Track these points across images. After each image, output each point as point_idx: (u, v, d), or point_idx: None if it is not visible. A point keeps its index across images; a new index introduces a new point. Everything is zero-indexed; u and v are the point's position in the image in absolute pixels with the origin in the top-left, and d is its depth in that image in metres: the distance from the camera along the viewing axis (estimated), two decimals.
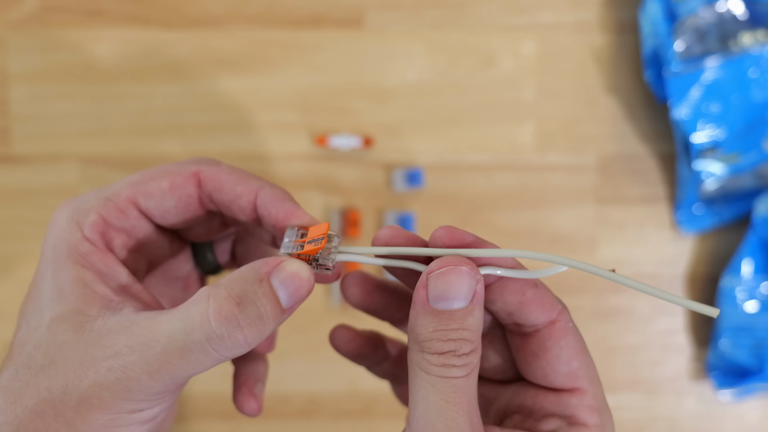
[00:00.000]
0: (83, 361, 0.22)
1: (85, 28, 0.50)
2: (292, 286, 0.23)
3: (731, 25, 0.48)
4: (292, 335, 0.51)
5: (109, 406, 0.22)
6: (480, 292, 0.23)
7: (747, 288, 0.49)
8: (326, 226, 0.25)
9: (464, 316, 0.22)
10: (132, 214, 0.26)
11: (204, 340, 0.22)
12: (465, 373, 0.22)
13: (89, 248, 0.24)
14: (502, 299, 0.24)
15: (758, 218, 0.49)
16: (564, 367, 0.25)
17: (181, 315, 0.22)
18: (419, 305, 0.22)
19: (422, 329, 0.22)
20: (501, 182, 0.51)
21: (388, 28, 0.50)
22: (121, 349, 0.22)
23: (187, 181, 0.26)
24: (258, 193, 0.26)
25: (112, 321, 0.23)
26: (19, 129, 0.50)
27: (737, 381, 0.49)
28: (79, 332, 0.23)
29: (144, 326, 0.23)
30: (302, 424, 0.51)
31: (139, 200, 0.26)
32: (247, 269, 0.23)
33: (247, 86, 0.50)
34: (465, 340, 0.22)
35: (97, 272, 0.24)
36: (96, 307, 0.23)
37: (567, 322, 0.25)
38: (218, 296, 0.22)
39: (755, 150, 0.48)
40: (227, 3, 0.50)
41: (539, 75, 0.51)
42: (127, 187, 0.26)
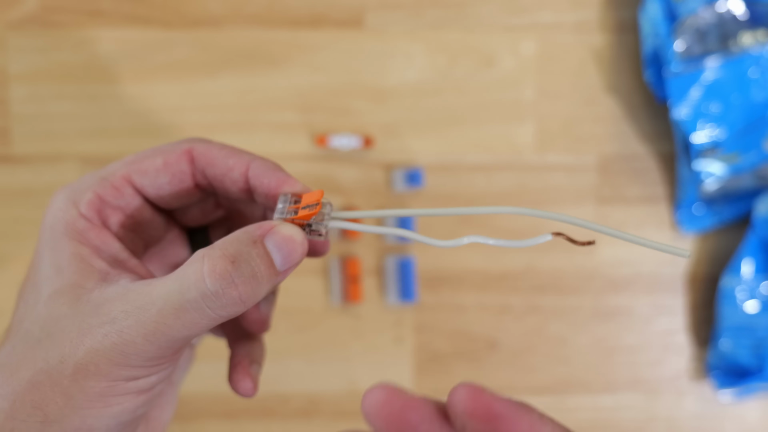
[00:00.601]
0: (80, 330, 0.23)
1: (85, 28, 0.50)
2: (285, 249, 0.24)
3: (731, 25, 0.48)
4: (292, 335, 0.51)
5: (106, 373, 0.22)
6: None
7: (747, 288, 0.49)
8: (320, 193, 0.25)
9: None
10: (127, 191, 0.26)
11: (199, 298, 0.22)
12: None
13: (85, 225, 0.25)
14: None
15: (758, 218, 0.49)
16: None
17: (176, 276, 0.23)
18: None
19: None
20: (501, 182, 0.51)
21: (388, 28, 0.50)
22: (118, 314, 0.23)
23: (180, 158, 0.26)
24: (249, 164, 0.26)
25: (109, 291, 0.24)
26: (19, 129, 0.50)
27: (737, 381, 0.49)
28: (76, 304, 0.23)
29: (139, 291, 0.23)
30: (302, 424, 0.51)
31: (133, 178, 0.26)
32: (242, 232, 0.23)
33: (247, 86, 0.50)
34: None
35: (93, 247, 0.25)
36: (93, 280, 0.24)
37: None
38: (212, 256, 0.22)
39: (755, 150, 0.48)
40: (227, 3, 0.50)
41: (539, 75, 0.51)
42: (122, 166, 0.26)
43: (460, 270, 0.51)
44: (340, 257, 0.51)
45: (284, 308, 0.51)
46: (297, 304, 0.51)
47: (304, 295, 0.51)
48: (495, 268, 0.51)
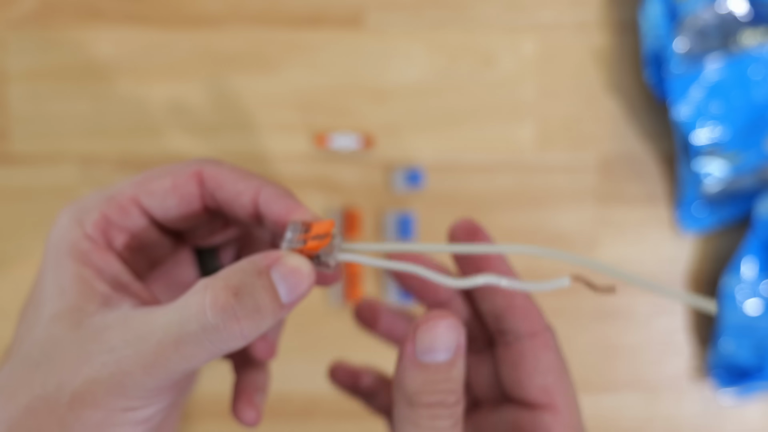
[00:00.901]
0: (79, 357, 0.22)
1: (85, 28, 0.50)
2: (291, 281, 0.23)
3: (732, 25, 0.48)
4: (292, 335, 0.51)
5: (103, 404, 0.22)
6: (463, 344, 0.23)
7: (747, 288, 0.49)
8: (331, 224, 0.24)
9: (449, 368, 0.23)
10: (134, 212, 0.26)
11: (200, 331, 0.21)
12: (452, 422, 0.23)
13: (89, 246, 0.24)
14: (491, 300, 0.26)
15: (759, 218, 0.49)
16: (539, 380, 0.26)
17: (177, 306, 0.22)
18: (406, 359, 0.23)
19: (411, 382, 0.23)
20: (501, 182, 0.51)
21: (388, 28, 0.50)
22: (117, 343, 0.22)
23: (189, 180, 0.26)
24: (259, 190, 0.25)
25: (110, 317, 0.23)
26: (18, 129, 0.50)
27: (738, 381, 0.49)
28: (76, 329, 0.23)
29: (140, 320, 0.22)
30: (302, 424, 0.51)
31: (141, 199, 0.25)
32: (247, 262, 0.23)
33: (247, 86, 0.50)
34: (451, 390, 0.23)
35: (96, 269, 0.24)
36: (95, 303, 0.23)
37: (550, 339, 0.26)
38: (215, 287, 0.22)
39: (756, 150, 0.48)
40: (227, 3, 0.50)
41: (539, 75, 0.51)
42: (129, 186, 0.26)
43: None
44: None
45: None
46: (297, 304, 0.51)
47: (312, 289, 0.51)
48: None
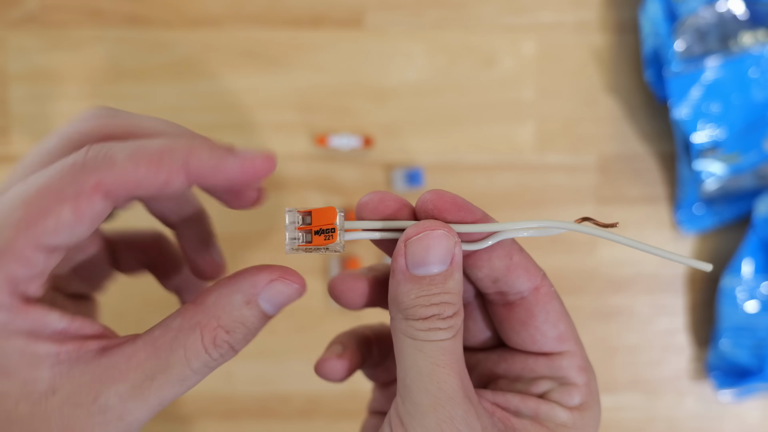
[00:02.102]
0: (64, 426, 0.21)
1: (85, 28, 0.50)
2: (279, 302, 0.23)
3: (731, 25, 0.48)
4: (292, 335, 0.51)
5: None
6: (458, 255, 0.23)
7: (747, 288, 0.49)
8: (333, 213, 0.24)
9: (444, 280, 0.22)
10: (39, 258, 0.21)
11: (203, 366, 0.22)
12: (451, 335, 0.22)
13: (6, 317, 0.21)
14: (489, 264, 0.25)
15: (758, 218, 0.49)
16: (553, 331, 0.25)
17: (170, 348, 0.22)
18: (399, 273, 0.23)
19: (404, 297, 0.22)
20: (501, 182, 0.51)
21: (388, 28, 0.50)
22: (108, 400, 0.21)
23: (90, 202, 0.21)
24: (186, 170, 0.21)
25: (76, 374, 0.21)
26: (19, 129, 0.50)
27: (737, 381, 0.49)
28: (38, 402, 0.21)
29: (124, 369, 0.21)
30: (302, 424, 0.51)
31: (42, 241, 0.21)
32: (234, 291, 0.23)
33: (247, 86, 0.50)
34: (447, 303, 0.22)
35: (26, 334, 0.21)
36: (45, 368, 0.21)
37: (550, 286, 0.26)
38: (210, 327, 0.22)
39: (755, 150, 0.48)
40: (227, 3, 0.50)
41: (539, 75, 0.51)
42: (18, 233, 0.20)
43: None
44: (340, 257, 0.51)
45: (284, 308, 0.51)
46: (297, 304, 0.51)
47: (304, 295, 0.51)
48: None
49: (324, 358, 0.28)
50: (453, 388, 0.22)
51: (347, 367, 0.28)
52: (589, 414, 0.25)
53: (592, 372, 0.26)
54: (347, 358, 0.28)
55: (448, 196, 0.24)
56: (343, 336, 0.29)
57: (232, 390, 0.51)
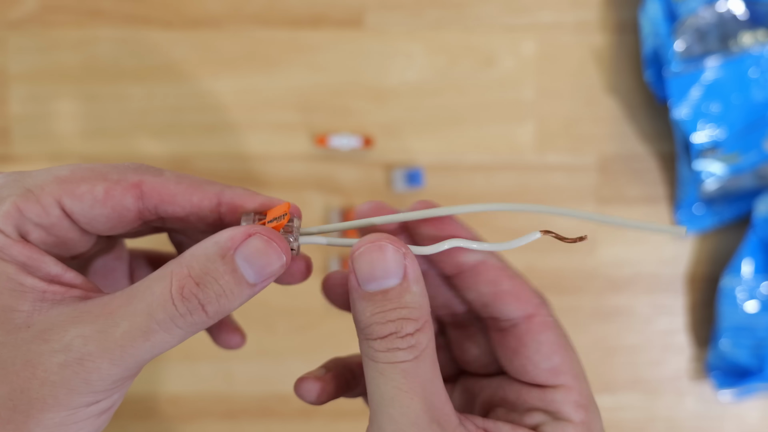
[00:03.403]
0: (27, 361, 0.21)
1: (85, 28, 0.50)
2: (259, 262, 0.21)
3: (731, 25, 0.48)
4: (292, 335, 0.51)
5: (66, 403, 0.21)
6: (412, 266, 0.21)
7: (747, 288, 0.49)
8: (286, 205, 0.23)
9: (400, 295, 0.21)
10: (54, 212, 0.22)
11: (168, 320, 0.21)
12: (412, 355, 0.21)
13: (5, 241, 0.21)
14: (476, 288, 0.24)
15: (758, 218, 0.49)
16: (544, 363, 0.24)
17: (141, 295, 0.21)
18: (353, 292, 0.22)
19: (360, 315, 0.22)
20: (501, 182, 0.51)
21: (388, 28, 0.50)
22: (72, 340, 0.21)
23: (126, 192, 0.23)
24: (219, 198, 0.24)
25: (53, 313, 0.21)
26: (19, 129, 0.50)
27: (737, 381, 0.49)
28: (12, 331, 0.21)
29: (96, 313, 0.21)
30: (302, 424, 0.51)
31: (65, 201, 0.22)
32: (211, 243, 0.21)
33: (248, 86, 0.50)
34: (406, 319, 0.21)
35: (19, 265, 0.21)
36: (27, 301, 0.21)
37: (546, 316, 0.25)
38: (180, 274, 0.21)
39: (755, 150, 0.48)
40: (227, 3, 0.50)
41: (539, 75, 0.51)
42: (53, 182, 0.22)
43: None
44: (340, 257, 0.51)
45: (284, 308, 0.51)
46: (297, 304, 0.51)
47: (304, 295, 0.51)
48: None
49: (302, 377, 0.27)
50: (416, 413, 0.21)
51: (322, 390, 0.27)
52: None
53: (595, 410, 0.25)
54: (325, 381, 0.27)
55: (378, 203, 0.23)
56: (331, 361, 0.28)
57: (232, 390, 0.51)
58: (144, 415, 0.51)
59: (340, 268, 0.50)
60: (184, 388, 0.51)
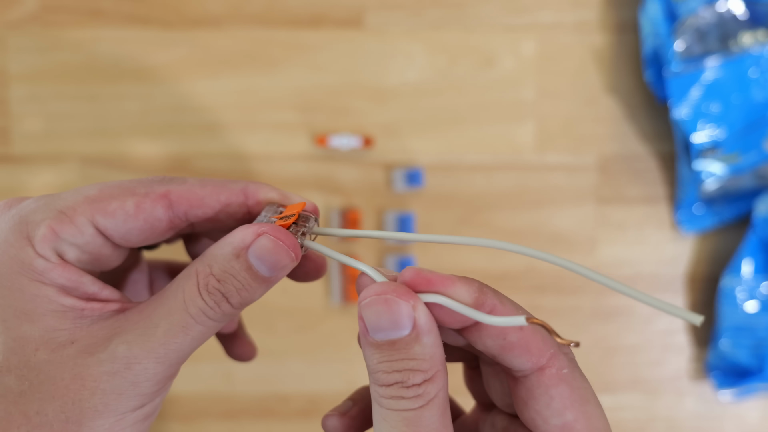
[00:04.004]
0: (75, 374, 0.22)
1: (85, 28, 0.50)
2: (269, 260, 0.23)
3: (731, 25, 0.48)
4: (292, 335, 0.51)
5: (115, 408, 0.22)
6: (423, 318, 0.21)
7: (747, 288, 0.49)
8: (301, 205, 0.24)
9: (408, 346, 0.21)
10: (88, 231, 0.23)
11: (200, 312, 0.22)
12: (417, 404, 0.20)
13: (45, 265, 0.22)
14: (482, 342, 0.22)
15: (758, 218, 0.49)
16: (555, 420, 0.22)
17: (173, 295, 0.22)
18: (361, 336, 0.21)
19: (369, 360, 0.21)
20: (501, 182, 0.51)
21: (388, 28, 0.50)
22: (117, 348, 0.22)
23: (156, 204, 0.24)
24: (246, 193, 0.25)
25: (95, 328, 0.22)
26: (19, 129, 0.50)
27: (737, 381, 0.49)
28: (56, 350, 0.22)
29: (135, 320, 0.22)
30: (302, 424, 0.51)
31: (98, 220, 0.23)
32: (226, 244, 0.23)
33: (247, 86, 0.50)
34: (414, 370, 0.20)
35: (59, 287, 0.23)
36: (68, 320, 0.22)
37: (560, 368, 0.22)
38: (203, 273, 0.22)
39: (755, 150, 0.48)
40: (227, 3, 0.50)
41: (539, 75, 0.51)
42: (84, 202, 0.23)
43: (460, 270, 0.51)
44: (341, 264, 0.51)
45: (284, 308, 0.51)
46: (297, 304, 0.51)
47: (304, 295, 0.51)
48: (495, 268, 0.51)
49: (328, 414, 0.26)
50: None
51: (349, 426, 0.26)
52: None
53: None
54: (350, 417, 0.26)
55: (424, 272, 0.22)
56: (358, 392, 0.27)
57: (232, 390, 0.51)
58: None
59: (339, 266, 0.51)
60: (184, 388, 0.51)
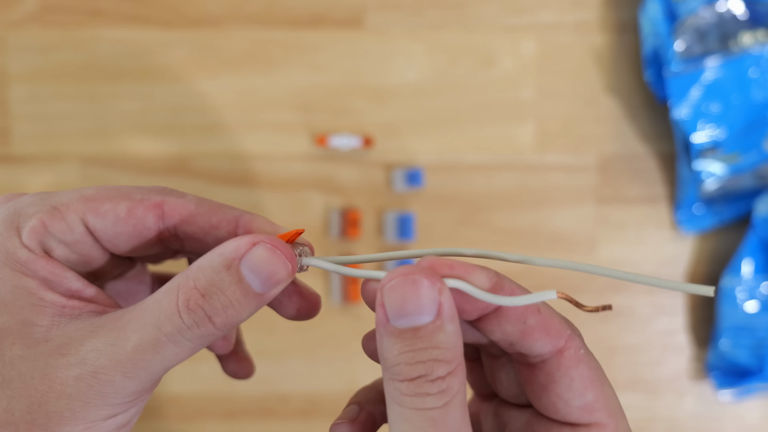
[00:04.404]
0: (45, 375, 0.21)
1: (85, 28, 0.50)
2: (264, 272, 0.21)
3: (731, 25, 0.48)
4: (292, 335, 0.51)
5: (82, 416, 0.21)
6: (447, 303, 0.20)
7: (747, 288, 0.49)
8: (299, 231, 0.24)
9: (432, 333, 0.19)
10: (78, 229, 0.23)
11: (176, 332, 0.21)
12: (442, 402, 0.19)
13: (29, 256, 0.22)
14: (501, 329, 0.22)
15: (758, 218, 0.49)
16: (577, 401, 0.22)
17: (150, 309, 0.21)
18: (380, 326, 0.20)
19: (387, 353, 0.20)
20: (501, 182, 0.51)
21: (388, 28, 0.50)
22: (87, 354, 0.21)
23: (148, 211, 0.23)
24: (238, 222, 0.24)
25: (71, 328, 0.22)
26: (19, 129, 0.50)
27: (737, 381, 0.49)
28: (31, 345, 0.21)
29: (109, 327, 0.21)
30: (302, 424, 0.51)
31: (88, 218, 0.23)
32: (216, 255, 0.21)
33: (247, 86, 0.50)
34: (437, 360, 0.19)
35: (41, 280, 0.22)
36: (46, 316, 0.22)
37: (578, 349, 0.23)
38: (186, 287, 0.21)
39: (755, 150, 0.48)
40: (227, 3, 0.50)
41: (539, 75, 0.51)
42: (78, 200, 0.23)
43: None
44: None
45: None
46: None
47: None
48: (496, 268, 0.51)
49: (336, 423, 0.26)
50: None
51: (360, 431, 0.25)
52: None
53: None
54: (361, 422, 0.25)
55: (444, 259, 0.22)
56: (361, 394, 0.27)
57: (232, 390, 0.51)
58: (144, 415, 0.51)
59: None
60: (184, 388, 0.51)
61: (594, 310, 0.21)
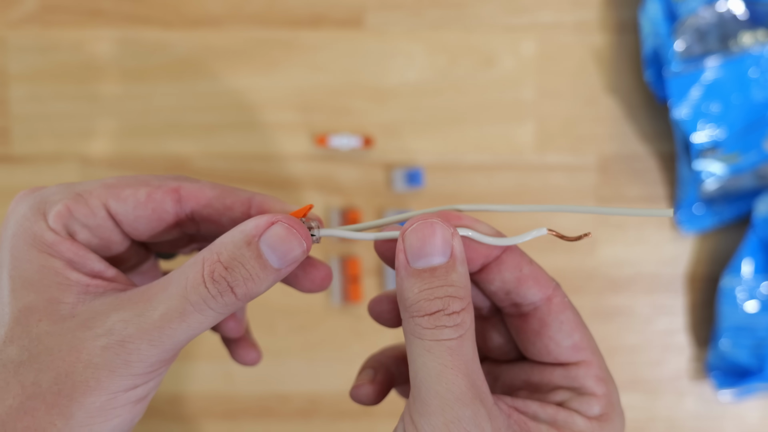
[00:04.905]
0: (72, 347, 0.22)
1: (85, 28, 0.50)
2: (281, 249, 0.23)
3: (731, 25, 0.48)
4: (292, 335, 0.51)
5: (107, 386, 0.22)
6: (458, 247, 0.23)
7: (747, 288, 0.49)
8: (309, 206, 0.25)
9: (447, 272, 0.22)
10: (100, 214, 0.25)
11: (201, 301, 0.22)
12: (458, 334, 0.22)
13: (55, 238, 0.24)
14: (500, 277, 0.25)
15: (758, 218, 0.49)
16: (567, 340, 0.26)
17: (176, 280, 0.23)
18: (401, 269, 0.23)
19: (408, 292, 0.22)
20: (501, 182, 0.51)
21: (388, 28, 0.50)
22: (114, 325, 0.22)
23: (166, 196, 0.25)
24: (251, 202, 0.26)
25: (96, 303, 0.23)
26: (19, 129, 0.50)
27: (737, 381, 0.49)
28: (58, 321, 0.23)
29: (136, 300, 0.23)
30: (302, 424, 0.51)
31: (110, 203, 0.25)
32: (238, 231, 0.23)
33: (247, 86, 0.50)
34: (452, 297, 0.22)
35: (66, 260, 0.24)
36: (72, 293, 0.23)
37: (563, 296, 0.26)
38: (210, 260, 0.23)
39: (755, 150, 0.48)
40: (227, 3, 0.50)
41: (539, 75, 0.51)
42: (99, 187, 0.25)
43: None
44: (340, 257, 0.51)
45: (284, 308, 0.51)
46: (297, 304, 0.51)
47: (304, 295, 0.51)
48: None
49: (357, 385, 0.29)
50: (461, 389, 0.22)
51: (379, 390, 0.28)
52: (610, 426, 0.26)
53: (613, 383, 0.27)
54: (379, 382, 0.29)
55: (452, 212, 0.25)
56: (373, 360, 0.30)
57: (232, 390, 0.51)
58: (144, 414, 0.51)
59: (339, 266, 0.51)
60: (184, 388, 0.51)
61: (576, 239, 0.25)
